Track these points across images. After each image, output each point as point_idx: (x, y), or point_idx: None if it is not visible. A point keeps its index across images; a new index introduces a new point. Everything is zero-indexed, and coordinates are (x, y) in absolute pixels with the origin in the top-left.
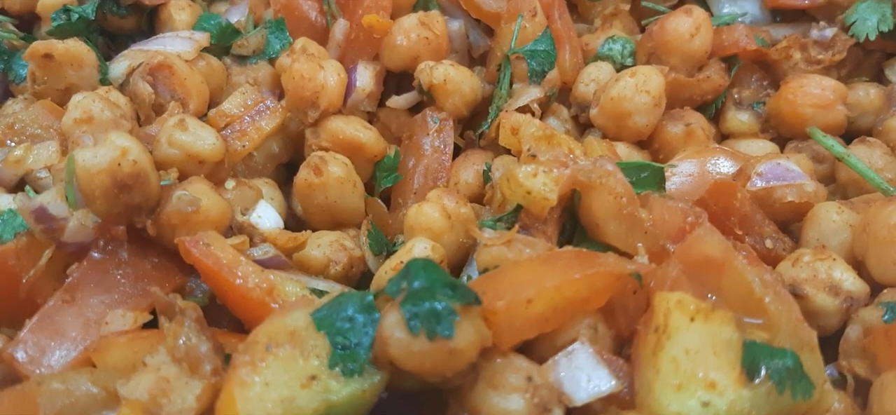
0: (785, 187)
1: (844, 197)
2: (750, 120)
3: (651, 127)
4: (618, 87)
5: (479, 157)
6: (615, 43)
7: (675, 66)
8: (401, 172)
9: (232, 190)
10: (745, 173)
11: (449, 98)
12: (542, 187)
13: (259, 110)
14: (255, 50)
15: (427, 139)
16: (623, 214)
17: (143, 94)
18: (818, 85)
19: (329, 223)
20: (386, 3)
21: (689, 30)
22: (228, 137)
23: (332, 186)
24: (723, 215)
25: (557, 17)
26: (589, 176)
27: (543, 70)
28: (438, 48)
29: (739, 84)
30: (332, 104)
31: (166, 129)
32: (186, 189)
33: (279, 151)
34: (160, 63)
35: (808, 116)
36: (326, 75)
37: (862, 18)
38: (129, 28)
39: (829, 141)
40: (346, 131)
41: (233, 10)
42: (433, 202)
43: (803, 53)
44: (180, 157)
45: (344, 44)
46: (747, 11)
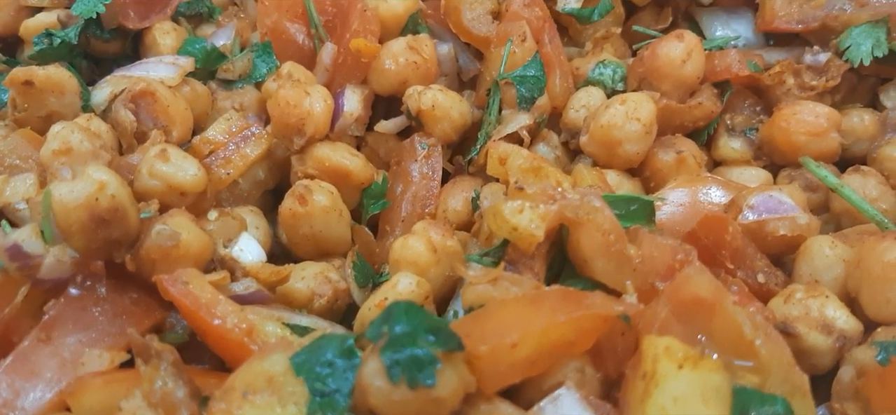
0: (777, 220)
1: (838, 227)
2: (742, 147)
3: (642, 155)
4: (608, 115)
5: (468, 183)
6: (606, 68)
7: (666, 91)
8: (389, 199)
9: (214, 221)
10: (737, 205)
11: (437, 124)
12: (529, 224)
13: (244, 137)
14: (241, 74)
15: (415, 165)
16: (611, 251)
17: (125, 122)
18: (811, 112)
19: (314, 253)
20: (374, 26)
21: (681, 55)
22: (212, 164)
23: (317, 215)
24: (714, 249)
25: (547, 42)
26: (576, 212)
27: (533, 96)
28: (427, 72)
29: (732, 109)
30: (319, 131)
31: (148, 159)
32: (167, 222)
33: (265, 177)
34: (143, 90)
35: (802, 143)
36: (312, 102)
37: (856, 43)
38: (114, 52)
39: (823, 171)
40: (332, 159)
41: (219, 33)
42: (419, 235)
43: (797, 79)
44: (161, 188)
45: (331, 68)
46: (740, 35)
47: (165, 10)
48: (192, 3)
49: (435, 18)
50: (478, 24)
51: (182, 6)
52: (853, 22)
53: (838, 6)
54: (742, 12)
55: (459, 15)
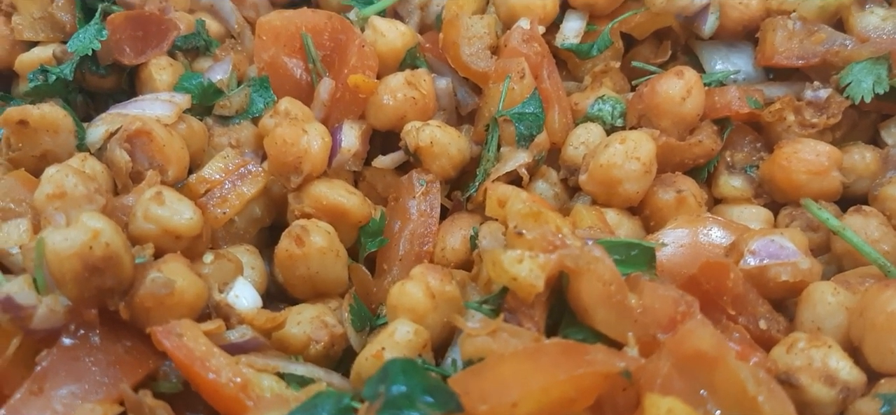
0: (779, 266)
1: (840, 268)
2: (743, 185)
3: (642, 193)
4: (607, 154)
5: (467, 221)
6: (605, 103)
7: (666, 128)
8: (387, 236)
9: (210, 264)
10: (738, 250)
11: (436, 160)
12: (529, 274)
13: (241, 174)
14: (238, 110)
15: (414, 202)
16: (612, 302)
17: (120, 162)
18: (812, 151)
19: (311, 293)
20: (372, 62)
21: (681, 93)
22: (208, 203)
23: (313, 256)
24: (715, 295)
25: (546, 77)
26: (576, 262)
27: (531, 133)
28: (425, 108)
29: (732, 146)
30: (316, 169)
31: (142, 202)
32: (162, 269)
33: (262, 214)
34: (138, 129)
35: (803, 182)
36: (310, 140)
37: (857, 80)
38: (110, 87)
39: (824, 214)
40: (329, 197)
41: (216, 68)
42: (417, 280)
43: (797, 116)
44: (156, 232)
45: (329, 103)
46: (740, 69)
47: (162, 45)
48: (189, 38)
49: (433, 52)
50: (476, 59)
51: (179, 40)
52: (854, 58)
53: (839, 42)
54: (742, 46)
55: (458, 50)
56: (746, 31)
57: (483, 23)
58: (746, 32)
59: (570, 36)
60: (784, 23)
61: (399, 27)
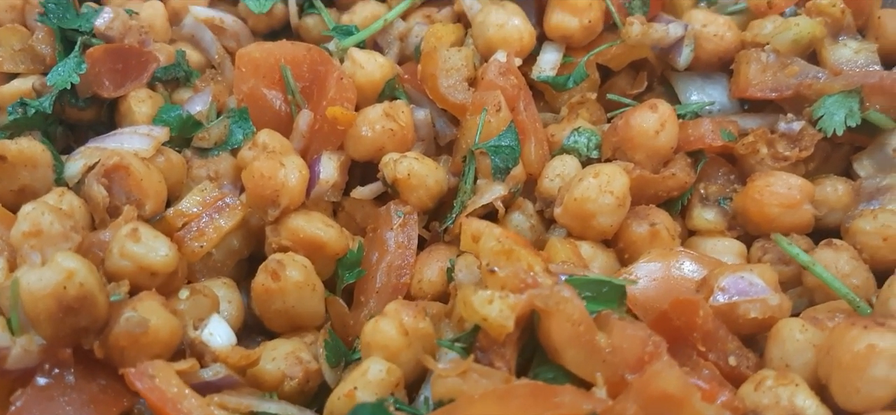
0: (748, 303)
1: (812, 302)
2: (716, 218)
3: (616, 227)
4: (581, 188)
5: (444, 252)
6: (581, 135)
7: (640, 161)
8: (364, 267)
9: (186, 300)
10: (709, 285)
11: (413, 192)
12: (499, 315)
13: (218, 207)
14: (217, 141)
15: (391, 234)
16: (581, 342)
17: (98, 197)
18: (784, 184)
19: (287, 327)
20: (350, 94)
21: (654, 126)
22: (185, 237)
23: (290, 291)
24: (686, 331)
25: (523, 109)
26: (546, 302)
27: (507, 166)
28: (403, 139)
29: (706, 178)
30: (293, 202)
31: (118, 238)
32: (136, 307)
33: (239, 246)
34: (116, 164)
35: (775, 215)
36: (287, 173)
37: (829, 113)
38: (89, 119)
39: (794, 249)
40: (307, 230)
41: (196, 99)
42: (390, 317)
43: (770, 149)
44: (132, 269)
45: (308, 134)
46: (715, 100)
47: (141, 77)
48: (170, 69)
49: (412, 83)
50: (454, 91)
51: (159, 71)
52: (826, 91)
53: (812, 75)
54: (717, 78)
55: (436, 82)
56: (721, 62)
57: (460, 55)
58: (721, 64)
59: (546, 68)
60: (758, 55)
61: (378, 59)
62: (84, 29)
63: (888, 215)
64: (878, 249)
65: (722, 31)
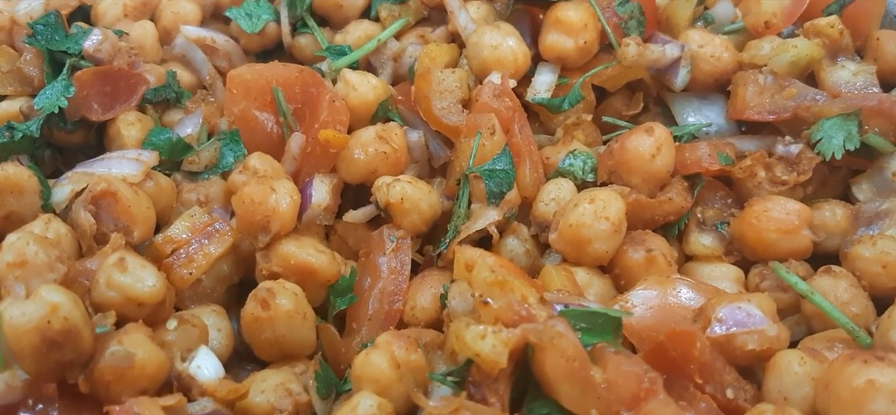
0: (746, 334)
1: (810, 330)
2: (713, 243)
3: (611, 253)
4: (576, 214)
5: (437, 278)
6: (576, 158)
7: (636, 185)
8: (357, 293)
9: (174, 330)
10: (706, 316)
11: (407, 216)
12: (491, 350)
13: (208, 233)
14: (208, 165)
15: (384, 259)
16: (575, 378)
17: (85, 225)
18: (782, 209)
19: (277, 356)
20: (343, 116)
21: (650, 150)
22: (174, 264)
23: (280, 320)
24: (682, 363)
25: (517, 131)
26: (540, 337)
27: (501, 191)
28: (397, 162)
29: (703, 202)
30: (284, 228)
31: (105, 268)
32: (122, 340)
33: (229, 271)
34: (103, 191)
35: (773, 241)
36: (278, 198)
37: (827, 136)
38: (78, 143)
39: (792, 277)
40: (298, 256)
41: (186, 120)
42: (382, 350)
43: (768, 172)
44: (119, 299)
45: (300, 157)
46: (712, 121)
47: (131, 100)
48: (160, 90)
49: (406, 104)
50: (448, 113)
51: (149, 93)
52: (825, 114)
53: (810, 97)
54: (714, 99)
55: (429, 104)
56: (718, 84)
57: (454, 77)
58: (718, 85)
59: (541, 90)
60: (755, 77)
61: (371, 80)
62: (73, 51)
63: (887, 242)
64: (878, 276)
65: (719, 51)
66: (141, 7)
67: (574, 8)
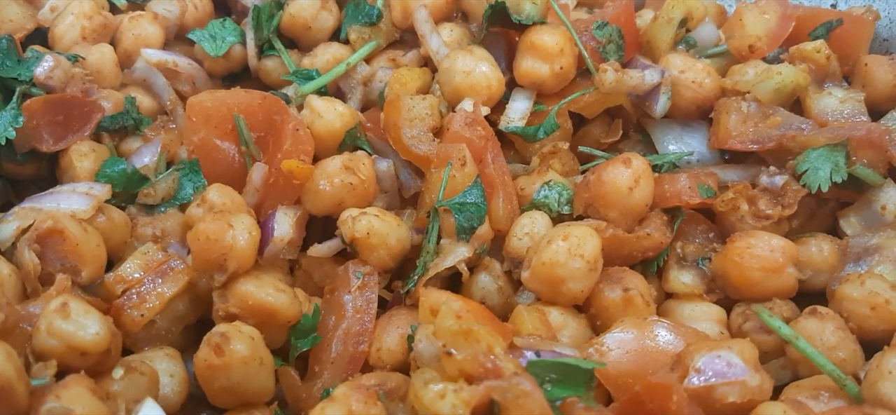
0: (726, 386)
1: (796, 375)
2: (694, 281)
3: (587, 292)
4: (550, 251)
5: (405, 318)
6: (551, 190)
7: (613, 219)
8: (321, 332)
9: (120, 380)
10: (684, 364)
11: (373, 252)
12: (451, 411)
13: (162, 271)
14: (165, 197)
15: (349, 297)
16: None
17: (29, 265)
18: (766, 246)
19: (233, 403)
20: (307, 146)
21: (628, 183)
22: (125, 306)
23: (235, 366)
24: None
25: (490, 161)
26: (503, 395)
27: (472, 226)
28: (364, 193)
29: (684, 237)
30: (242, 266)
31: (47, 314)
32: (60, 395)
33: (186, 311)
34: (50, 229)
35: (757, 279)
36: (235, 235)
37: (813, 168)
38: (28, 175)
39: (776, 322)
40: (256, 296)
41: (144, 150)
42: (339, 404)
43: (751, 206)
44: (61, 348)
45: (262, 188)
46: (694, 150)
47: (84, 129)
48: (117, 117)
49: (375, 132)
50: (417, 142)
51: (106, 120)
52: (811, 144)
53: (796, 126)
54: (696, 126)
55: (399, 132)
56: (700, 111)
57: (425, 103)
58: (700, 112)
59: (515, 118)
60: (738, 105)
61: (337, 107)
62: (23, 78)
63: (876, 281)
64: (866, 319)
65: (700, 77)
66: (100, 29)
67: (550, 32)
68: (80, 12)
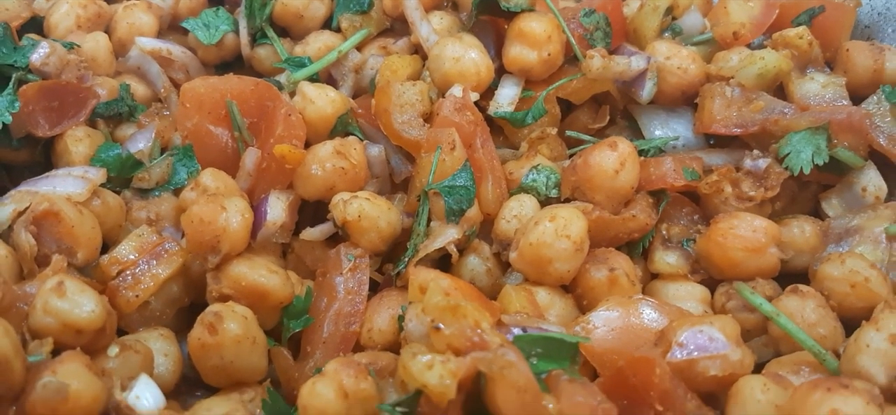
0: (707, 359)
1: (777, 351)
2: (678, 262)
3: (573, 272)
4: (537, 232)
5: (396, 299)
6: (539, 174)
7: (599, 202)
8: (313, 314)
9: (115, 358)
10: (667, 340)
11: (364, 235)
12: (439, 381)
13: (156, 254)
14: (159, 181)
15: (341, 279)
16: (527, 409)
17: (25, 246)
18: (749, 226)
19: (226, 382)
20: (299, 131)
21: (614, 165)
22: (120, 287)
23: (227, 345)
24: (642, 390)
25: (479, 146)
26: (490, 366)
27: (461, 208)
28: (355, 178)
29: (669, 219)
30: (235, 248)
31: (43, 293)
32: (56, 371)
33: (180, 293)
34: (46, 211)
35: (739, 259)
36: (228, 217)
37: (796, 151)
38: (23, 160)
39: (757, 299)
40: (249, 277)
41: (138, 136)
42: (329, 379)
43: (735, 188)
44: (56, 326)
45: (255, 173)
46: (679, 135)
47: (79, 115)
48: (112, 104)
49: (367, 118)
50: (408, 127)
51: (101, 107)
52: (793, 127)
53: (778, 110)
54: (682, 112)
55: (389, 118)
56: (685, 96)
57: (415, 89)
58: (685, 98)
59: (503, 104)
60: (722, 90)
61: (329, 93)
62: (19, 64)
63: (856, 260)
64: (846, 297)
65: (686, 64)
66: (95, 18)
67: (538, 19)
68: (75, 1)
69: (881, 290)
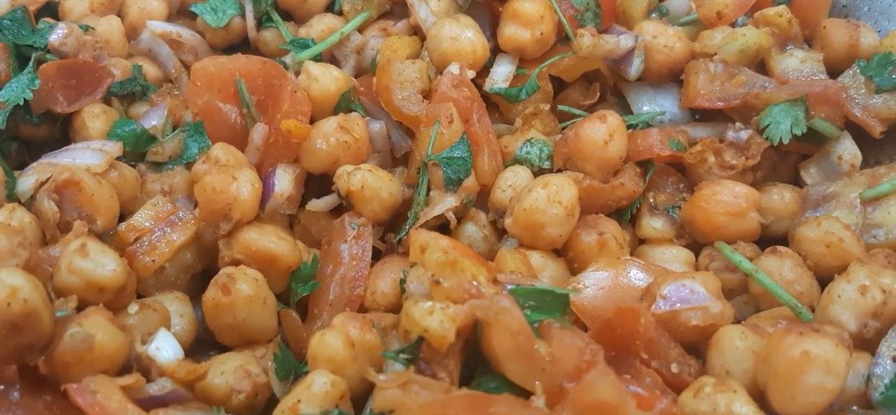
0: (689, 310)
1: (757, 309)
2: (664, 227)
3: (565, 236)
4: (530, 199)
5: (398, 264)
6: (533, 147)
7: (589, 172)
8: (319, 279)
9: (135, 315)
10: (652, 293)
11: (367, 204)
12: (440, 326)
13: (171, 222)
14: (172, 155)
15: (345, 246)
16: (520, 352)
17: (48, 213)
18: (731, 192)
19: (239, 341)
20: (305, 107)
21: (603, 137)
22: (137, 252)
23: (240, 305)
24: (628, 339)
25: (476, 121)
26: (486, 312)
27: (459, 178)
28: (358, 152)
29: (655, 187)
30: (246, 215)
31: (67, 254)
32: (82, 323)
33: (193, 260)
34: (67, 180)
35: (722, 223)
36: (239, 186)
37: (775, 122)
38: (43, 136)
39: (737, 257)
40: (259, 243)
41: (151, 113)
42: (337, 330)
43: (717, 158)
44: (80, 284)
45: (263, 148)
46: (666, 110)
47: (96, 92)
48: (126, 83)
49: (368, 96)
50: (408, 104)
51: (115, 86)
52: (773, 100)
53: (759, 84)
54: (668, 88)
55: (390, 95)
56: (672, 73)
57: (414, 68)
58: (672, 75)
59: (498, 80)
60: (706, 66)
61: (332, 72)
62: (38, 45)
63: (831, 223)
64: (822, 256)
65: (672, 42)
66: (107, 3)
67: (531, 1)
68: None
69: (855, 249)
